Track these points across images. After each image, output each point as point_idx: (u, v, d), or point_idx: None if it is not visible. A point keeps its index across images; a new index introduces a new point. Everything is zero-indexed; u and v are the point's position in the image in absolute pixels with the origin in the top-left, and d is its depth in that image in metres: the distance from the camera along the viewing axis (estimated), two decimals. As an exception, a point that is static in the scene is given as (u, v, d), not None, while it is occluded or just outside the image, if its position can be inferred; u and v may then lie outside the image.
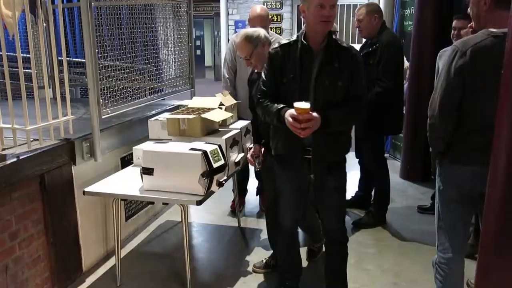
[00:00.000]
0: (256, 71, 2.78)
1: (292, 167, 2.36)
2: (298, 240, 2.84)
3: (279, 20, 11.33)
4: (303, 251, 2.99)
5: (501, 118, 1.30)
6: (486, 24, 1.95)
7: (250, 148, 2.92)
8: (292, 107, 2.08)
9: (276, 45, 2.29)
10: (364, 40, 3.71)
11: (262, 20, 3.58)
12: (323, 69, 2.17)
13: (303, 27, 2.42)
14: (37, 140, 2.63)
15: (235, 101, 3.50)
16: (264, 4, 10.56)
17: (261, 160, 2.80)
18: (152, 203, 3.80)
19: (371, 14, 3.43)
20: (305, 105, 2.04)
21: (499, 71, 1.32)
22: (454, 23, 3.38)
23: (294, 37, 2.26)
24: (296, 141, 2.19)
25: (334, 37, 2.23)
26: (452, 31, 3.38)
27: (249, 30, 2.74)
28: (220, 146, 2.70)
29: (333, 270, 2.55)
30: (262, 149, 2.80)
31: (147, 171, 2.61)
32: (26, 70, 2.79)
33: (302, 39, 2.20)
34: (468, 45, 1.91)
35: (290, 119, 2.06)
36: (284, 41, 2.28)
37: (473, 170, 1.98)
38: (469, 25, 2.42)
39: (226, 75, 3.78)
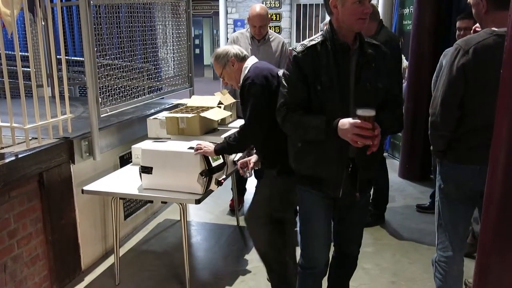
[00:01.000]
0: None
1: (330, 186, 2.01)
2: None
3: (278, 19, 11.32)
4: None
5: (500, 117, 1.30)
6: (487, 25, 1.95)
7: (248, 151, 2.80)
8: (330, 115, 1.85)
9: (300, 47, 1.94)
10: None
11: (261, 19, 3.58)
12: (362, 70, 1.91)
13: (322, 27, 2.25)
14: (36, 138, 2.63)
15: (234, 100, 3.50)
16: (263, 3, 10.56)
17: (251, 170, 2.63)
18: (151, 201, 3.80)
19: None
20: (371, 112, 1.77)
21: (500, 70, 1.32)
22: (458, 23, 3.35)
23: (319, 38, 1.93)
24: (338, 155, 1.94)
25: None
26: (457, 32, 3.36)
27: (220, 49, 2.55)
28: (219, 145, 2.70)
29: (340, 281, 2.45)
30: (252, 160, 2.64)
31: (146, 169, 2.61)
32: (25, 69, 2.78)
33: (335, 38, 1.91)
34: (470, 44, 1.91)
35: (356, 128, 1.76)
36: (309, 42, 1.95)
37: (473, 169, 1.98)
38: (474, 26, 2.41)
39: (225, 74, 3.77)
